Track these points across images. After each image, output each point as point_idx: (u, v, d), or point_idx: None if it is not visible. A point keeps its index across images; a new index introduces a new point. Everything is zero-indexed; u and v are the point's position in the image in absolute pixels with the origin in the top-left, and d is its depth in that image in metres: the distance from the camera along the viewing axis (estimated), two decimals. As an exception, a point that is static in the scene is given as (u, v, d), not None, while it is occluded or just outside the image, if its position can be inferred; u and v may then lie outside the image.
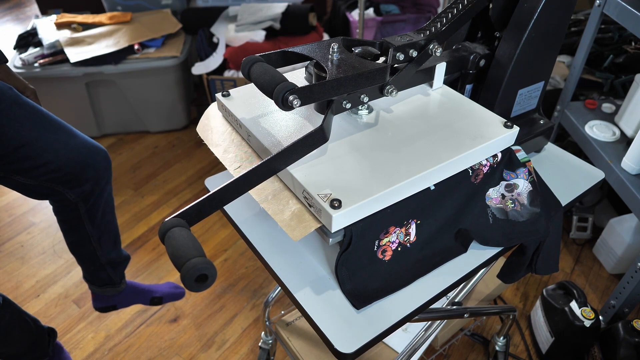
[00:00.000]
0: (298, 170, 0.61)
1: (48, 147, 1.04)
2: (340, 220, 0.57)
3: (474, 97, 0.84)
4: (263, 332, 1.31)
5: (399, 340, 1.20)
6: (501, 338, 1.34)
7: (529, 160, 0.75)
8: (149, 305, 1.45)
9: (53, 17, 2.29)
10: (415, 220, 0.67)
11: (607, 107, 1.64)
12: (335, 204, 0.57)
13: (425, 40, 0.70)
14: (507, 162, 0.73)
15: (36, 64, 2.07)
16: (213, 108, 0.80)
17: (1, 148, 0.99)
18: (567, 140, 1.81)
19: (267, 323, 1.26)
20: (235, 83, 2.10)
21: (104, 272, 1.30)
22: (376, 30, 2.39)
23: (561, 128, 1.72)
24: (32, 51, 2.12)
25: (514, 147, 0.73)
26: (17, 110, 1.00)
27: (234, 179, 0.56)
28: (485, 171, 0.71)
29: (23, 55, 2.09)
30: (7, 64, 1.03)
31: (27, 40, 2.21)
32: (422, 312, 0.67)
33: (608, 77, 1.83)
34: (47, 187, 1.08)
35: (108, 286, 1.35)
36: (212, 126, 0.77)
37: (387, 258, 0.67)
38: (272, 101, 0.59)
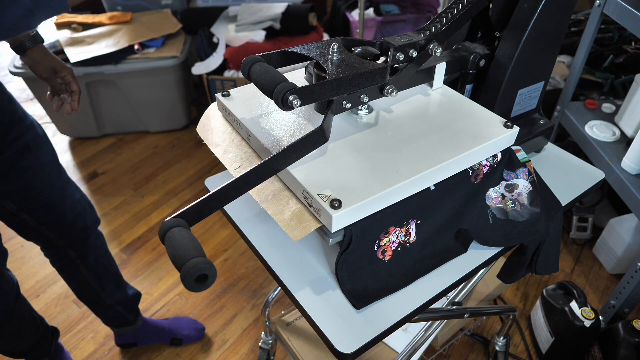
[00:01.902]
0: (298, 170, 0.61)
1: (66, 205, 1.08)
2: (340, 220, 0.57)
3: (474, 97, 0.84)
4: (263, 332, 1.31)
5: (399, 340, 1.20)
6: (501, 338, 1.34)
7: (529, 160, 0.75)
8: (168, 345, 1.47)
9: (53, 17, 2.29)
10: (415, 220, 0.67)
11: (607, 107, 1.64)
12: (335, 204, 0.57)
13: (425, 40, 0.70)
14: (507, 162, 0.73)
15: (36, 64, 2.07)
16: (213, 108, 0.80)
17: (32, 202, 1.02)
18: (567, 140, 1.81)
19: (267, 323, 1.26)
20: (235, 83, 2.10)
21: (115, 312, 1.33)
22: (376, 30, 2.39)
23: (561, 128, 1.72)
24: (32, 51, 2.11)
25: (514, 147, 0.73)
26: (53, 169, 1.04)
27: (234, 179, 0.56)
28: (485, 171, 0.71)
29: (23, 55, 2.09)
30: (29, 51, 1.01)
31: (27, 40, 2.20)
32: (422, 312, 0.67)
33: (608, 77, 1.83)
34: (40, 231, 1.09)
35: (124, 325, 1.38)
36: (212, 126, 0.77)
37: (387, 258, 0.67)
38: (272, 101, 0.59)
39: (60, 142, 2.39)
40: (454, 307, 0.95)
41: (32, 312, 1.17)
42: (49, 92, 1.07)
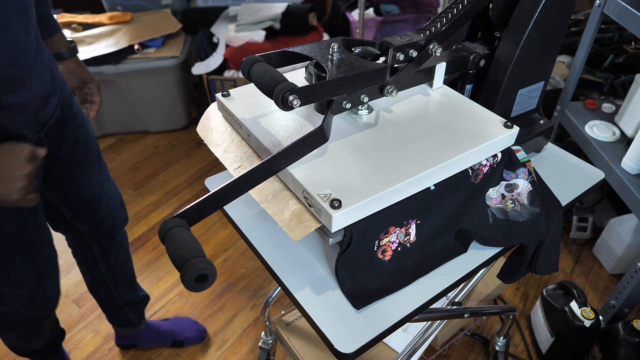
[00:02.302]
0: (298, 170, 0.61)
1: (102, 202, 1.10)
2: (340, 220, 0.57)
3: (474, 97, 0.84)
4: (263, 332, 1.31)
5: (399, 340, 1.20)
6: (501, 338, 1.34)
7: (529, 160, 0.75)
8: (170, 347, 1.48)
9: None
10: (415, 220, 0.67)
11: (607, 107, 1.64)
12: (335, 204, 0.57)
13: (425, 40, 0.70)
14: (507, 162, 0.73)
15: (36, 64, 2.07)
16: (213, 108, 0.80)
17: (73, 198, 1.03)
18: (567, 140, 1.81)
19: (267, 323, 1.26)
20: (235, 83, 2.10)
21: (121, 312, 1.33)
22: (376, 30, 2.39)
23: (561, 128, 1.72)
24: (32, 51, 2.11)
25: (514, 147, 0.73)
26: (96, 165, 1.06)
27: (234, 179, 0.56)
28: (485, 171, 0.71)
29: (23, 55, 2.08)
30: (66, 61, 1.04)
31: (27, 40, 2.20)
32: (422, 312, 0.67)
33: (608, 77, 1.83)
34: (73, 224, 1.10)
35: (127, 326, 1.38)
36: (212, 126, 0.77)
37: (387, 258, 0.67)
38: (272, 101, 0.59)
39: (60, 142, 2.39)
40: (454, 307, 0.95)
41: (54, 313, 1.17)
42: None
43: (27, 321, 1.02)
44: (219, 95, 0.76)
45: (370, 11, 2.43)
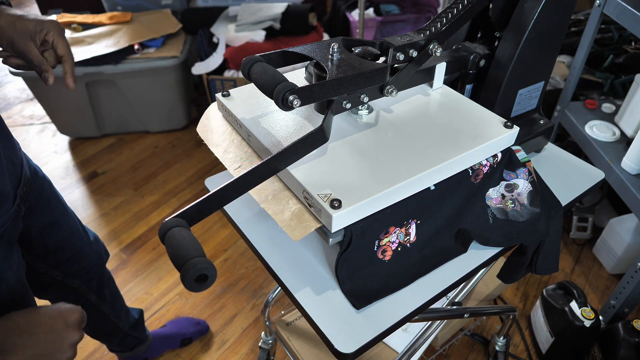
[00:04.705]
0: (298, 170, 0.61)
1: (86, 247, 1.05)
2: (340, 220, 0.57)
3: (474, 97, 0.84)
4: (263, 332, 1.31)
5: (399, 340, 1.20)
6: (501, 338, 1.34)
7: (529, 160, 0.75)
8: (179, 347, 1.46)
9: (53, 17, 2.29)
10: (415, 220, 0.67)
11: (607, 107, 1.64)
12: (335, 204, 0.57)
13: (425, 40, 0.70)
14: (507, 162, 0.73)
15: (36, 64, 2.07)
16: (213, 108, 0.80)
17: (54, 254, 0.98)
18: (567, 140, 1.81)
19: (267, 323, 1.26)
20: (235, 83, 2.10)
21: (129, 337, 1.31)
22: (376, 30, 2.39)
23: (561, 128, 1.72)
24: (32, 51, 2.11)
25: (514, 147, 0.73)
26: (69, 216, 1.00)
27: (234, 179, 0.56)
28: (485, 171, 0.71)
29: (23, 55, 2.08)
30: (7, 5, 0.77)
31: (27, 40, 2.20)
32: (422, 312, 0.67)
33: (608, 77, 1.83)
34: (65, 283, 1.06)
35: (139, 346, 1.36)
36: (212, 126, 0.77)
37: (387, 258, 0.67)
38: (272, 101, 0.59)
39: (60, 142, 2.39)
40: (454, 307, 0.95)
41: None
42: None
43: None
44: (219, 95, 0.76)
45: (370, 11, 2.43)
